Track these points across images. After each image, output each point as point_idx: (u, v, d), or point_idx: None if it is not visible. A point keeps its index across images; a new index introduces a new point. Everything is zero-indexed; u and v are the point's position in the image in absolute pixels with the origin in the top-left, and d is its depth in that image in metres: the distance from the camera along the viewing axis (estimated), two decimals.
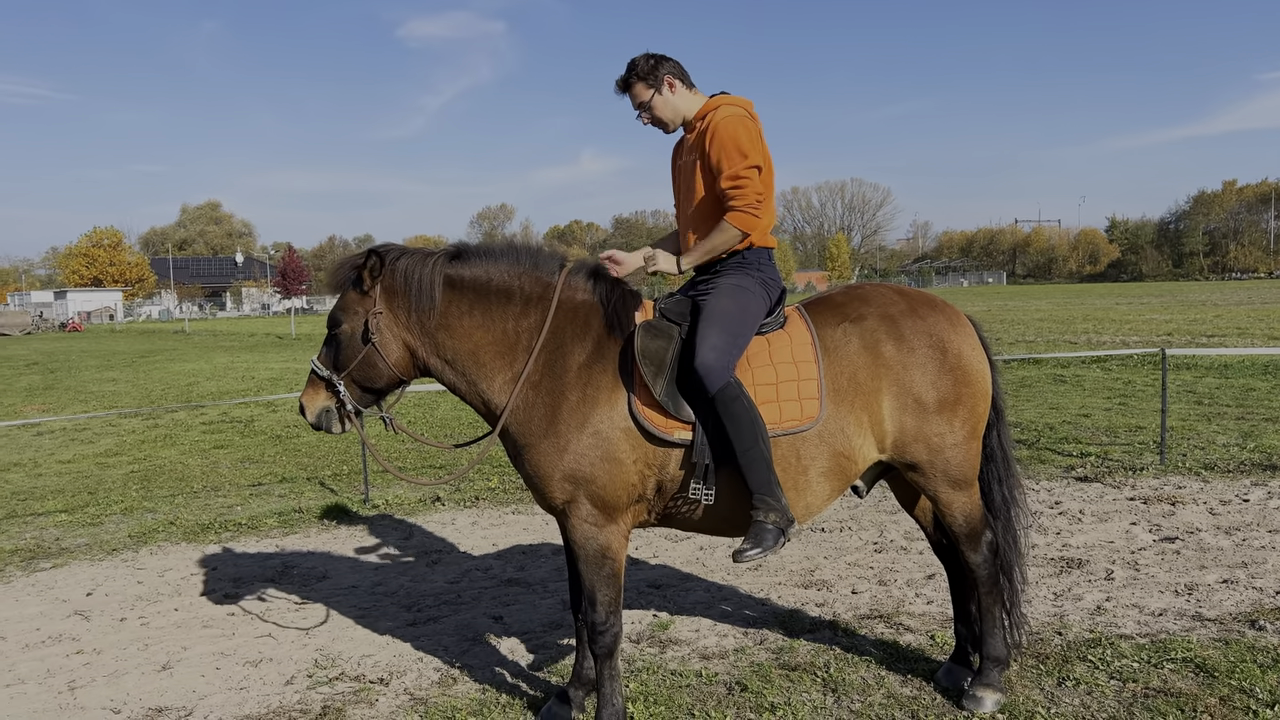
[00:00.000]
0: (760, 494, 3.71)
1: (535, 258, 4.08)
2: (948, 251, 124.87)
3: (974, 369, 4.08)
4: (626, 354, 3.85)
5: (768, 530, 3.68)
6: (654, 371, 3.75)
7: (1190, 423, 10.68)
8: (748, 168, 3.89)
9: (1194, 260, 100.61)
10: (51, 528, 8.03)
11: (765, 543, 3.68)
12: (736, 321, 3.84)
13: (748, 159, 3.89)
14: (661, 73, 4.06)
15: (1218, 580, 5.59)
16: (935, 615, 5.24)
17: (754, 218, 3.92)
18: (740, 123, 3.94)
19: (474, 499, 8.47)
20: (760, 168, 3.93)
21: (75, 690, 4.71)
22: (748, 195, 3.89)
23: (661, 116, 4.11)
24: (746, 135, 3.92)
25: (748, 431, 3.68)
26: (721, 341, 3.76)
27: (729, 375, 3.71)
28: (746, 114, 4.01)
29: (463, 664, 4.86)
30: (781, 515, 3.70)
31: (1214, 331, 23.46)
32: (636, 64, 4.09)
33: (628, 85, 4.12)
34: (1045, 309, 40.09)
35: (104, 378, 22.86)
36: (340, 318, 3.99)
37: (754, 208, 3.91)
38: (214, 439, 12.64)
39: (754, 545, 3.69)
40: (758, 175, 3.92)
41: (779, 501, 3.72)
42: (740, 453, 3.69)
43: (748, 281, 3.98)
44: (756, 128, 4.00)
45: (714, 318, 3.83)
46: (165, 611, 5.83)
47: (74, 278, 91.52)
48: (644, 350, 3.77)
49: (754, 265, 4.02)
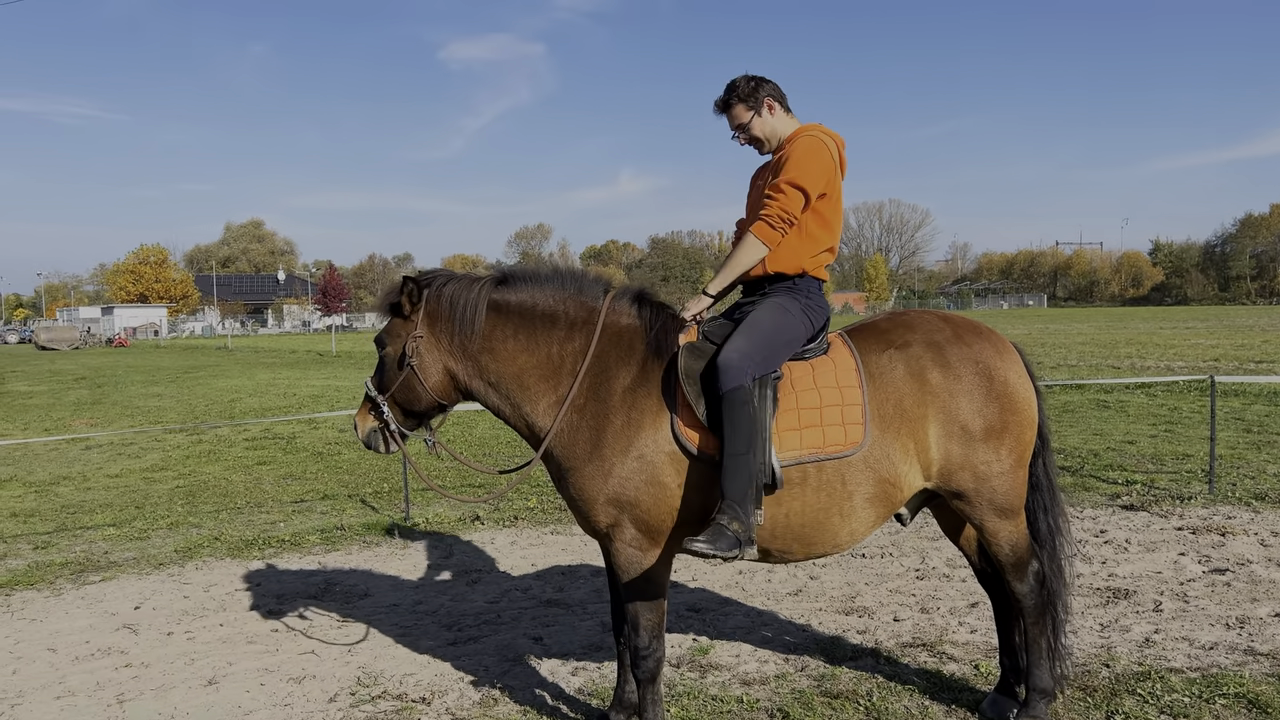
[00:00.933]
0: (732, 501, 3.65)
1: (580, 282, 4.12)
2: (987, 273, 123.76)
3: (1020, 396, 4.05)
4: (670, 376, 3.87)
5: (726, 534, 3.61)
6: (696, 393, 3.76)
7: (1239, 451, 10.49)
8: (789, 183, 3.90)
9: (1240, 284, 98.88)
10: (100, 541, 8.18)
11: (719, 544, 3.59)
12: (768, 335, 3.85)
13: (793, 175, 3.89)
14: (762, 95, 4.12)
15: (1270, 614, 5.47)
16: (979, 644, 5.18)
17: (774, 231, 3.92)
18: (813, 144, 3.96)
19: (513, 518, 8.51)
20: (805, 191, 3.92)
21: (124, 704, 4.78)
22: (774, 208, 3.91)
23: (759, 135, 4.15)
24: (809, 156, 3.92)
25: (744, 437, 3.65)
26: (747, 346, 3.77)
27: (745, 379, 3.69)
28: (823, 143, 4.00)
29: (503, 684, 4.88)
30: (744, 530, 3.64)
31: (1261, 357, 23.02)
32: (737, 86, 4.14)
33: (727, 106, 4.17)
34: (1087, 333, 39.56)
35: (149, 393, 23.27)
36: (385, 340, 4.09)
37: (778, 221, 3.91)
38: (257, 455, 12.81)
39: (708, 542, 3.59)
40: (798, 196, 3.91)
41: (747, 518, 3.66)
42: (729, 455, 3.65)
43: (790, 304, 3.98)
44: (829, 157, 3.99)
45: (747, 326, 3.87)
46: (211, 626, 5.91)
47: (120, 294, 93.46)
48: (687, 371, 3.80)
49: (802, 292, 4.03)
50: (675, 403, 3.81)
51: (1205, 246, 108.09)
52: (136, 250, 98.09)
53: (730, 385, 3.67)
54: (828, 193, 4.01)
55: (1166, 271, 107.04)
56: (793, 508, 3.82)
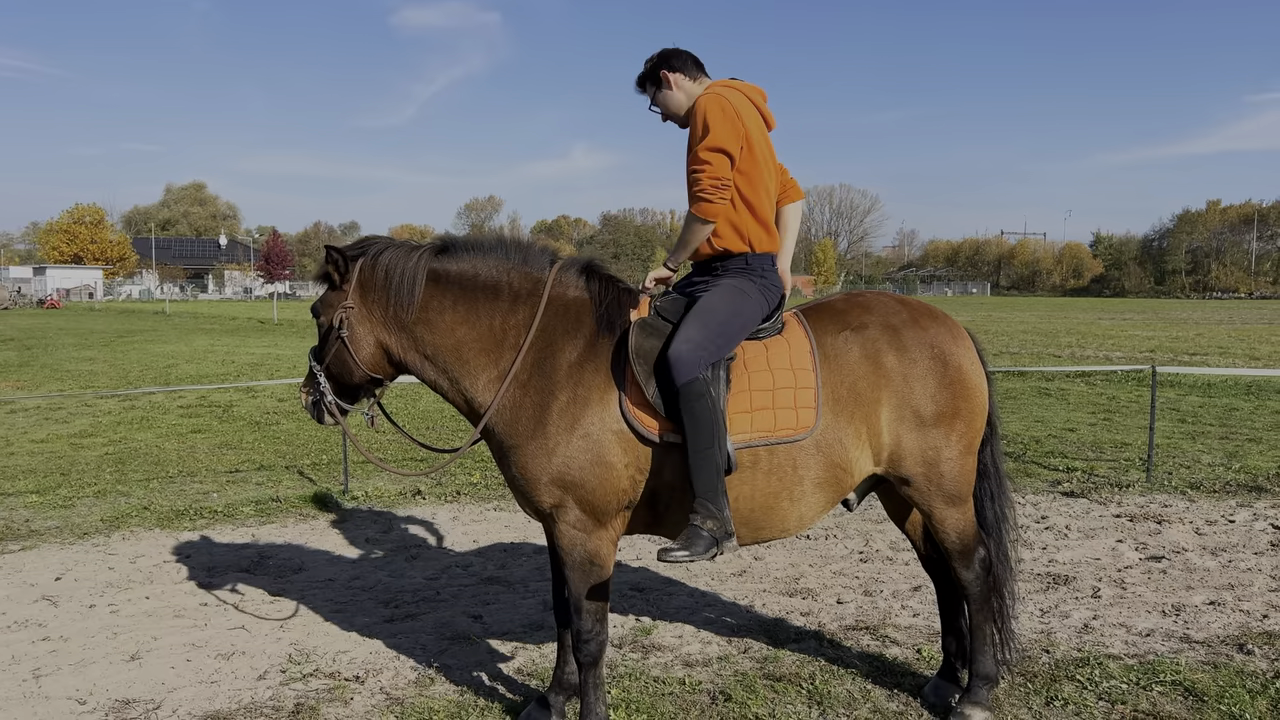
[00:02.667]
0: (703, 499, 3.57)
1: (525, 253, 3.98)
2: (933, 260, 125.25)
3: (973, 383, 4.01)
4: (620, 353, 3.75)
5: (701, 536, 3.52)
6: (647, 372, 3.65)
7: (1175, 440, 10.69)
8: (708, 150, 3.71)
9: (1176, 278, 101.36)
10: (22, 508, 7.86)
11: (696, 548, 3.51)
12: (722, 321, 3.72)
13: (708, 140, 3.70)
14: (661, 69, 3.98)
15: (1204, 601, 5.55)
16: (922, 628, 5.18)
17: (712, 203, 3.74)
18: (713, 100, 3.75)
19: (455, 494, 8.36)
20: (725, 150, 3.70)
21: (40, 679, 4.57)
22: (703, 180, 3.72)
23: (669, 111, 4.03)
24: (717, 114, 3.72)
25: (705, 433, 3.55)
26: (700, 336, 3.63)
27: (698, 370, 3.57)
28: (721, 97, 3.77)
29: (441, 664, 4.76)
30: (720, 526, 3.56)
31: (1196, 350, 23.57)
32: (646, 63, 4.03)
33: (641, 84, 4.08)
34: (1029, 321, 40.23)
35: (81, 356, 22.56)
36: (319, 310, 3.97)
37: (710, 193, 3.73)
38: (191, 423, 12.46)
39: (683, 548, 3.51)
40: (721, 158, 3.71)
41: (721, 512, 3.57)
42: (693, 452, 3.56)
43: (747, 285, 3.85)
44: (731, 110, 3.75)
45: (699, 313, 3.72)
46: (136, 599, 5.69)
47: (54, 254, 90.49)
48: (638, 349, 3.68)
49: (756, 271, 3.90)
50: (624, 381, 3.69)
51: (1144, 241, 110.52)
52: (72, 209, 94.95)
53: (684, 379, 3.55)
54: (745, 148, 3.79)
55: (1106, 264, 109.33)
56: (741, 492, 3.74)
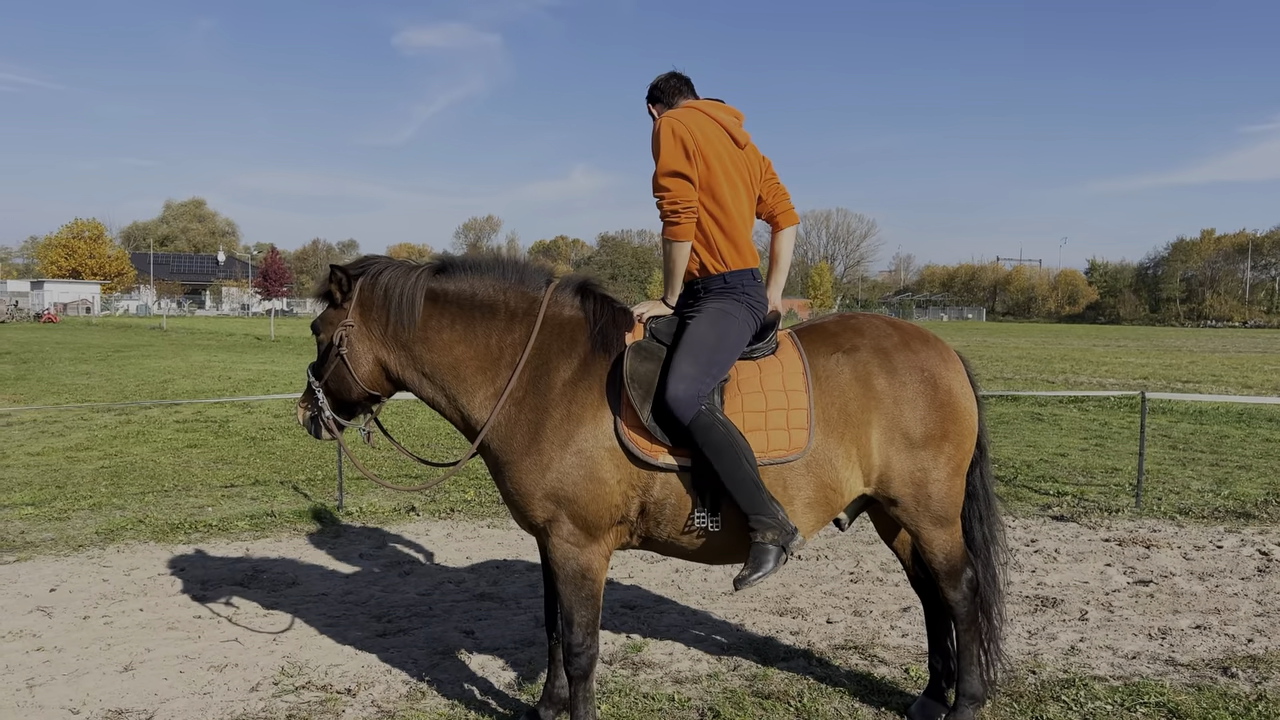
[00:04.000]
0: (755, 514, 3.65)
1: (522, 272, 4.06)
2: (929, 285, 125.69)
3: (962, 406, 4.07)
4: (615, 374, 3.81)
5: (767, 551, 3.63)
6: (642, 395, 3.71)
7: (1165, 467, 10.75)
8: (665, 176, 3.81)
9: (1170, 306, 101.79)
10: (17, 520, 7.88)
11: (765, 565, 3.63)
12: (712, 349, 3.76)
13: (660, 165, 3.81)
14: (648, 103, 4.15)
15: (1191, 625, 5.60)
16: (910, 648, 5.22)
17: (680, 225, 3.83)
18: (666, 127, 3.84)
19: (449, 510, 8.39)
20: (680, 173, 3.79)
21: (34, 689, 4.60)
22: (664, 206, 3.84)
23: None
24: (667, 140, 3.81)
25: (729, 456, 3.62)
26: (693, 371, 3.68)
27: (699, 404, 3.64)
28: (686, 114, 3.88)
29: (432, 678, 4.79)
30: (780, 531, 3.65)
31: (1189, 377, 23.69)
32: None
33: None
34: (1024, 347, 40.38)
35: (77, 370, 22.57)
36: (319, 327, 4.04)
37: (673, 216, 3.82)
38: (187, 438, 12.49)
39: (754, 570, 3.63)
40: (678, 181, 3.79)
41: (775, 517, 3.66)
42: (725, 477, 3.63)
43: (732, 306, 3.89)
44: (682, 128, 3.82)
45: (688, 346, 3.76)
46: (130, 611, 5.72)
47: (52, 268, 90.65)
48: (633, 373, 3.74)
49: (737, 290, 3.93)
50: (619, 404, 3.76)
51: (1139, 268, 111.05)
52: (70, 224, 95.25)
53: (689, 417, 3.63)
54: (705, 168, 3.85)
55: (1101, 291, 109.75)
56: (732, 510, 3.79)
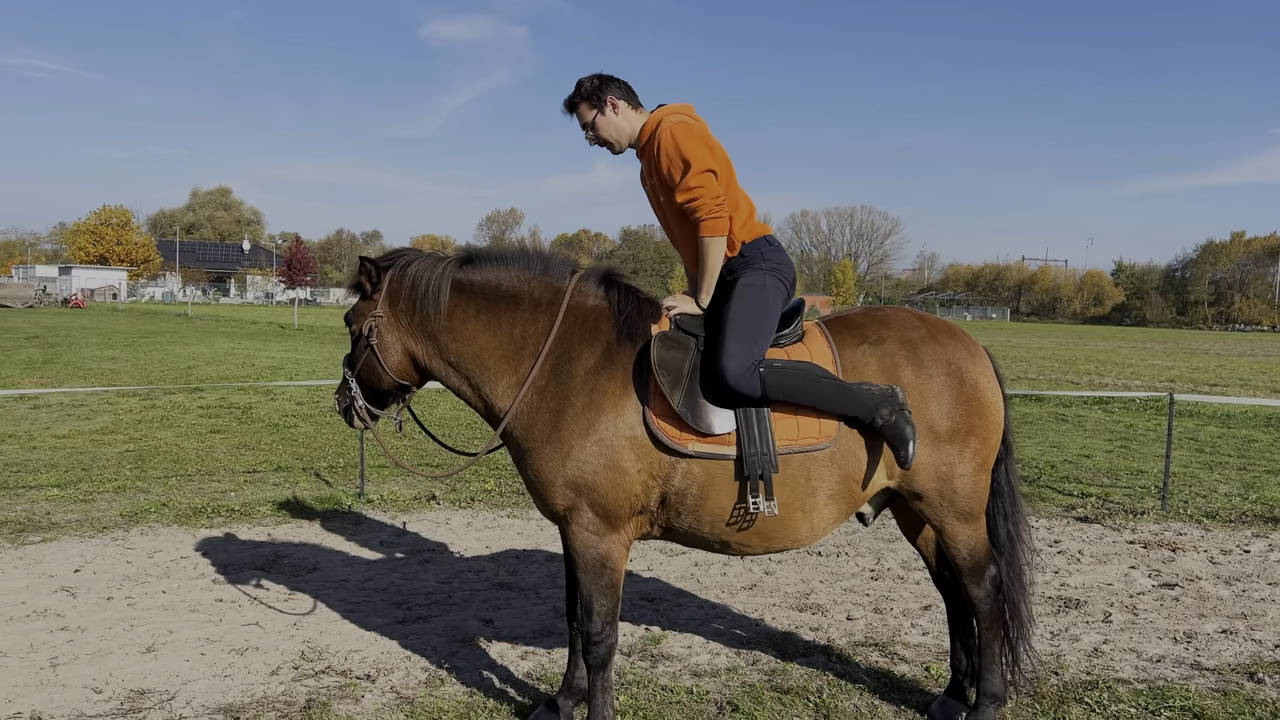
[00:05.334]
0: (867, 408, 3.75)
1: (546, 263, 4.07)
2: (953, 284, 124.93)
3: (989, 400, 4.03)
4: (640, 364, 3.80)
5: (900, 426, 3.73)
6: (671, 382, 3.70)
7: (1192, 470, 10.63)
8: (696, 175, 3.81)
9: (1198, 309, 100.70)
10: (43, 501, 7.97)
11: (906, 432, 3.72)
12: (753, 322, 3.81)
13: (694, 164, 3.81)
14: (605, 94, 4.03)
15: (1217, 630, 5.53)
16: (931, 647, 5.18)
17: (718, 220, 3.85)
18: (680, 129, 3.86)
19: (470, 500, 8.41)
20: (712, 170, 3.84)
21: (57, 667, 4.64)
22: (706, 202, 3.83)
23: (606, 137, 4.06)
24: (688, 140, 3.83)
25: (811, 384, 3.74)
26: (740, 347, 3.73)
27: (756, 373, 3.70)
28: (686, 117, 3.93)
29: (451, 665, 4.80)
30: (888, 399, 3.75)
31: (1216, 381, 23.41)
32: (582, 84, 4.06)
33: (573, 106, 4.09)
34: (1048, 348, 40.05)
35: (104, 355, 22.80)
36: (351, 318, 4.10)
37: (715, 211, 3.84)
38: (211, 423, 12.58)
39: (900, 443, 3.73)
40: (710, 178, 3.83)
41: (874, 393, 3.76)
42: (823, 401, 3.74)
43: (757, 278, 3.91)
44: (699, 128, 3.91)
45: (729, 326, 3.78)
46: (153, 593, 5.77)
47: (80, 254, 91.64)
48: (660, 361, 3.73)
49: (757, 258, 3.95)
50: (647, 393, 3.75)
51: (1166, 270, 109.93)
52: (99, 211, 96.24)
53: (755, 391, 3.70)
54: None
55: (1127, 292, 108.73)
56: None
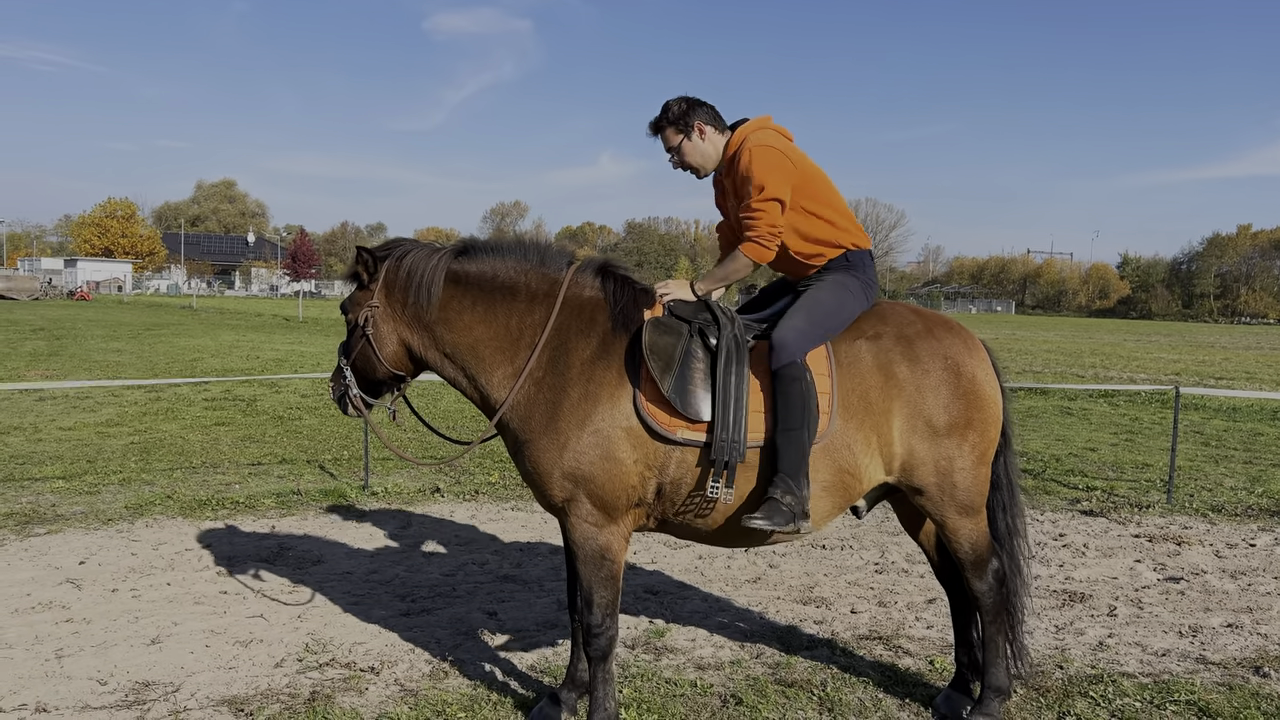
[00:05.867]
0: (785, 475, 3.68)
1: (543, 254, 4.07)
2: (958, 277, 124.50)
3: (986, 394, 4.02)
4: (633, 351, 3.80)
5: (780, 508, 3.64)
6: (661, 367, 3.70)
7: (1197, 463, 10.60)
8: (763, 200, 3.93)
9: (1204, 302, 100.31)
10: (48, 494, 7.99)
11: (775, 518, 3.63)
12: (826, 314, 3.92)
13: (764, 191, 3.92)
14: (693, 118, 4.10)
15: (1222, 624, 5.51)
16: (935, 640, 5.17)
17: (765, 249, 3.98)
18: (759, 152, 3.96)
19: (474, 492, 8.42)
20: (780, 200, 3.94)
21: (62, 659, 4.66)
22: (759, 227, 3.94)
23: (691, 162, 4.15)
24: (763, 164, 3.94)
25: (797, 413, 3.69)
26: (804, 324, 3.84)
27: (798, 355, 3.75)
28: (768, 133, 4.02)
29: (455, 658, 4.80)
30: (797, 503, 3.67)
31: (1222, 374, 23.35)
32: (669, 108, 4.13)
33: (659, 128, 4.17)
34: (1054, 340, 39.96)
35: (109, 348, 22.84)
36: (348, 308, 4.11)
37: (766, 239, 3.96)
38: (216, 415, 12.60)
39: (765, 517, 3.64)
40: (775, 206, 3.94)
41: (800, 491, 3.68)
42: (782, 430, 3.69)
43: (851, 282, 4.05)
44: (787, 161, 3.98)
45: (806, 304, 3.93)
46: (157, 585, 5.78)
47: (85, 247, 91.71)
48: (652, 346, 3.73)
49: (859, 267, 4.10)
50: (638, 378, 3.75)
51: (1172, 263, 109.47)
52: (104, 203, 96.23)
53: (784, 361, 3.73)
54: (796, 189, 4.01)
55: (1133, 285, 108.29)
56: (745, 490, 3.79)
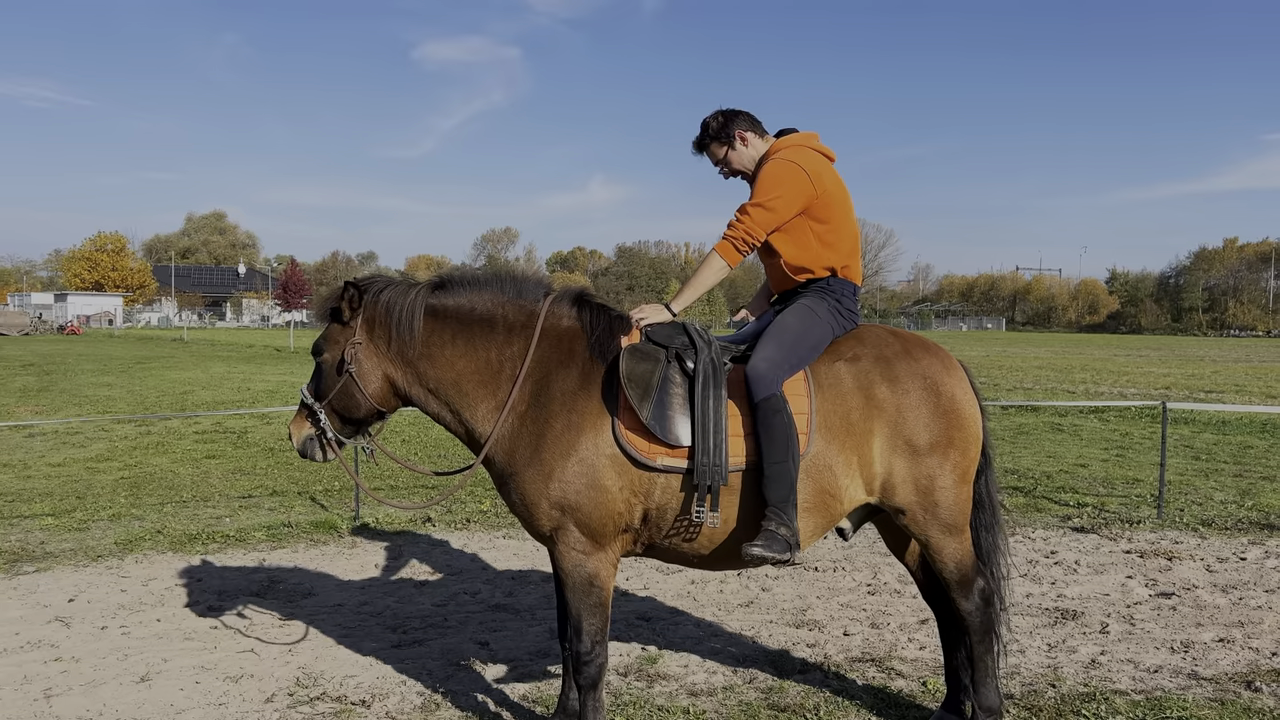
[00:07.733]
0: (776, 508, 3.70)
1: (519, 286, 4.10)
2: (948, 295, 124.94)
3: (966, 412, 4.05)
4: (611, 378, 3.82)
5: (778, 538, 3.66)
6: (640, 394, 3.72)
7: (1188, 478, 10.64)
8: (755, 205, 3.98)
9: (1193, 315, 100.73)
10: (37, 531, 7.95)
11: (773, 546, 3.65)
12: (795, 339, 3.92)
13: (762, 199, 3.97)
14: (732, 129, 4.19)
15: (1214, 639, 5.52)
16: (928, 661, 5.17)
17: (736, 252, 4.00)
18: (779, 167, 4.02)
19: (465, 521, 8.40)
20: (772, 212, 3.98)
21: (51, 699, 4.62)
22: (738, 229, 3.99)
23: (740, 169, 4.24)
24: (773, 178, 4.00)
25: (780, 446, 3.69)
26: (776, 354, 3.83)
27: (775, 388, 3.75)
28: (793, 165, 4.02)
29: (446, 689, 4.79)
30: (790, 534, 3.69)
31: (1212, 387, 23.44)
32: (708, 124, 4.23)
33: (703, 145, 4.27)
34: (1044, 357, 40.09)
35: (99, 382, 22.77)
36: (322, 347, 4.06)
37: (740, 243, 3.99)
38: (206, 449, 12.57)
39: (764, 546, 3.66)
40: (765, 216, 3.98)
41: (790, 523, 3.70)
42: (769, 464, 3.70)
43: (819, 306, 4.05)
44: (801, 178, 4.00)
45: (774, 332, 3.93)
46: (147, 622, 5.75)
47: (75, 281, 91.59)
48: (629, 373, 3.75)
49: (833, 292, 4.10)
50: (617, 406, 3.77)
51: (1160, 277, 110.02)
52: (94, 237, 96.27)
53: (762, 395, 3.73)
54: (810, 208, 4.03)
55: (1122, 300, 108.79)
56: (730, 514, 3.80)
